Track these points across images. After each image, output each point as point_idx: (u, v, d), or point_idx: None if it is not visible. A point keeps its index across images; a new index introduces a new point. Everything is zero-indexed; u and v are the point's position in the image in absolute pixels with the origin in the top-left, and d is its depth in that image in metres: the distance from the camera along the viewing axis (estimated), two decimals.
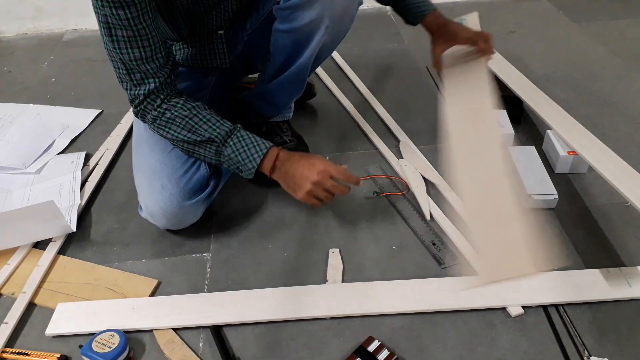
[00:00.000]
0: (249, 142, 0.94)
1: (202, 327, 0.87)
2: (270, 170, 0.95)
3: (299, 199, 0.95)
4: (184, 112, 0.93)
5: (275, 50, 1.03)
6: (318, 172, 0.92)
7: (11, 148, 1.30)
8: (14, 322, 0.88)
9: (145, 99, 0.93)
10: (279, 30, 1.00)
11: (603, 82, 1.49)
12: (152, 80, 0.91)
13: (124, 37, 0.86)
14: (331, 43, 1.04)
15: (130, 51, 0.87)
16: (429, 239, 1.01)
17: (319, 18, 0.96)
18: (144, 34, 0.86)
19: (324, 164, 0.93)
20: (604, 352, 0.81)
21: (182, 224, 1.02)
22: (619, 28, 1.79)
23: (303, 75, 1.08)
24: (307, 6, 0.94)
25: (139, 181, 1.02)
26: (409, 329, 0.85)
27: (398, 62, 1.62)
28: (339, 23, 1.00)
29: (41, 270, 0.97)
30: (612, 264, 0.94)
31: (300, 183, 0.93)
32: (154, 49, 0.89)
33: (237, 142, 0.93)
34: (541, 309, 0.87)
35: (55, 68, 1.73)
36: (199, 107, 0.95)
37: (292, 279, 0.95)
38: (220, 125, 0.94)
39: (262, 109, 1.17)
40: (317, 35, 0.98)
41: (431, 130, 1.32)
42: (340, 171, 0.95)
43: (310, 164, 0.93)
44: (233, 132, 0.94)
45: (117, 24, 0.84)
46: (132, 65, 0.89)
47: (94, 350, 0.79)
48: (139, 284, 0.95)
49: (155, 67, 0.90)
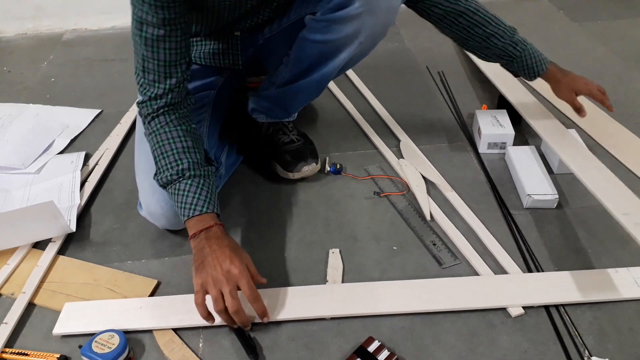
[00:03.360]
0: (179, 201, 0.88)
1: (202, 327, 0.87)
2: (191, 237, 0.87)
3: (194, 286, 0.82)
4: (156, 138, 0.91)
5: (298, 57, 1.02)
6: (228, 270, 0.80)
7: (11, 148, 1.30)
8: (14, 322, 0.88)
9: (149, 100, 0.92)
10: (310, 40, 0.98)
11: (604, 82, 1.47)
12: (162, 86, 0.90)
13: (154, 36, 0.85)
14: (359, 56, 1.03)
15: (156, 51, 0.87)
16: (429, 239, 1.01)
17: (356, 33, 0.95)
18: (174, 37, 0.86)
19: (241, 272, 0.80)
20: (605, 353, 0.80)
21: (181, 224, 1.01)
22: (619, 28, 1.79)
23: (324, 84, 1.08)
24: (346, 21, 0.93)
25: (140, 180, 1.02)
26: (409, 329, 0.85)
27: (398, 62, 1.62)
28: (372, 40, 0.99)
29: (41, 271, 0.96)
30: (614, 264, 0.94)
31: (205, 266, 0.81)
32: (179, 54, 0.89)
33: (173, 194, 0.89)
34: (542, 309, 0.87)
35: (55, 68, 1.73)
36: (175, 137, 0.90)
37: (292, 279, 0.95)
38: (171, 168, 0.89)
39: (273, 111, 1.16)
40: (348, 49, 0.98)
41: (431, 130, 1.32)
42: (250, 288, 0.80)
43: (229, 261, 0.81)
44: (171, 184, 0.89)
45: (152, 22, 0.84)
46: (151, 64, 0.88)
47: (93, 350, 0.78)
48: (139, 284, 0.95)
49: (174, 72, 0.89)
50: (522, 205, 1.08)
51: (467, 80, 1.53)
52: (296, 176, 1.15)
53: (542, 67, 1.11)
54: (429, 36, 1.72)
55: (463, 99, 1.44)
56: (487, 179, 1.16)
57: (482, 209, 1.07)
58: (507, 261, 0.95)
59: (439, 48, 1.69)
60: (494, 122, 1.24)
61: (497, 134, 1.21)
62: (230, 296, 0.79)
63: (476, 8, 1.06)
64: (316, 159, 1.17)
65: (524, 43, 1.09)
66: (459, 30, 1.08)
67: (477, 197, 1.11)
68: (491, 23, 1.07)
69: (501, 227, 1.03)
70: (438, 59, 1.64)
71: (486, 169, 1.19)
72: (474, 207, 1.07)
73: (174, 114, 0.93)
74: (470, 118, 1.36)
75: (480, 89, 1.48)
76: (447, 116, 1.38)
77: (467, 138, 1.29)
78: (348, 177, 1.18)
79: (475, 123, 1.28)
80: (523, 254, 0.98)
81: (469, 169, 1.20)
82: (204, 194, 0.88)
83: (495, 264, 0.96)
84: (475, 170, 1.19)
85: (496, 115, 1.27)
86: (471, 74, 1.55)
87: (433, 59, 1.63)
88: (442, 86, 1.50)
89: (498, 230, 1.02)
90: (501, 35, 1.07)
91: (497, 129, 1.22)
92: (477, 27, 1.06)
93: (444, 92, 1.48)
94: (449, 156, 1.23)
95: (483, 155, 1.23)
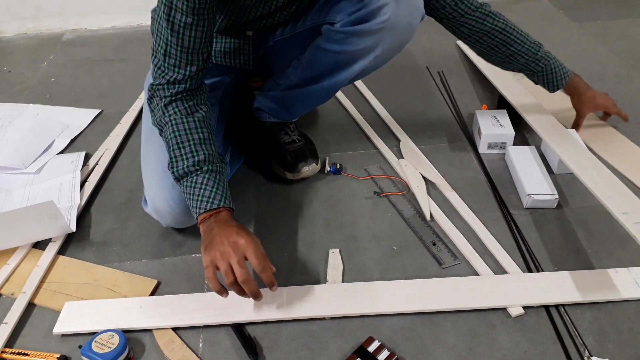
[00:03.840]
0: (194, 194, 0.87)
1: (201, 327, 0.87)
2: (200, 222, 0.87)
3: (203, 264, 0.82)
4: (171, 128, 0.90)
5: (312, 63, 1.02)
6: (235, 242, 0.80)
7: (11, 148, 1.30)
8: (14, 322, 0.88)
9: (167, 83, 0.91)
10: (324, 49, 0.99)
11: (604, 82, 1.49)
12: (182, 72, 0.90)
13: (181, 22, 0.85)
14: (372, 69, 1.03)
15: (181, 37, 0.87)
16: (429, 239, 1.01)
17: (373, 47, 0.95)
18: (200, 25, 0.86)
19: (248, 242, 0.80)
20: (604, 353, 0.80)
21: (187, 223, 1.02)
22: (619, 28, 1.79)
23: (333, 92, 1.08)
24: (365, 35, 0.94)
25: (148, 176, 1.01)
26: (409, 329, 0.85)
27: (398, 62, 1.62)
28: (388, 54, 1.00)
29: (41, 271, 0.96)
30: (614, 264, 0.94)
31: (213, 243, 0.82)
32: (203, 43, 0.89)
33: (186, 187, 0.89)
34: (541, 309, 0.87)
35: (55, 68, 1.73)
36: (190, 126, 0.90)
37: (292, 279, 0.95)
38: (187, 159, 0.88)
39: (277, 112, 1.16)
40: (363, 61, 0.98)
41: (431, 130, 1.32)
42: (258, 257, 0.80)
43: (236, 234, 0.81)
44: (187, 176, 0.89)
45: (181, 9, 0.84)
46: (174, 49, 0.88)
47: (93, 350, 0.79)
48: (139, 284, 0.95)
49: (195, 59, 0.90)
50: (522, 205, 1.08)
51: (467, 80, 1.53)
52: (296, 177, 1.15)
53: (562, 81, 1.15)
54: (429, 36, 1.72)
55: (463, 99, 1.44)
56: (487, 179, 1.16)
57: (482, 209, 1.07)
58: (507, 261, 0.95)
59: (439, 48, 1.69)
60: (494, 122, 1.24)
61: (497, 134, 1.21)
62: (238, 265, 0.79)
63: (502, 27, 1.07)
64: (316, 159, 1.17)
65: (547, 59, 1.12)
66: (482, 47, 1.11)
67: (477, 197, 1.11)
68: (516, 42, 1.08)
69: (501, 227, 1.03)
70: (438, 58, 1.64)
71: (486, 169, 1.19)
72: (474, 207, 1.07)
73: (192, 100, 0.93)
74: (470, 118, 1.36)
75: (481, 89, 1.48)
76: (447, 116, 1.38)
77: (467, 138, 1.29)
78: (348, 177, 1.18)
79: (475, 123, 1.28)
80: (523, 254, 0.98)
81: (469, 169, 1.20)
82: (221, 189, 0.88)
83: (495, 264, 0.96)
84: (475, 170, 1.19)
85: (496, 115, 1.27)
86: (471, 74, 1.55)
87: (433, 59, 1.63)
88: (442, 86, 1.50)
89: (498, 230, 1.02)
90: (525, 53, 1.10)
91: (497, 129, 1.22)
92: (501, 46, 1.09)
93: (444, 92, 1.48)
94: (449, 156, 1.23)
95: (483, 155, 1.23)
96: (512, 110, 1.28)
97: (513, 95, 1.30)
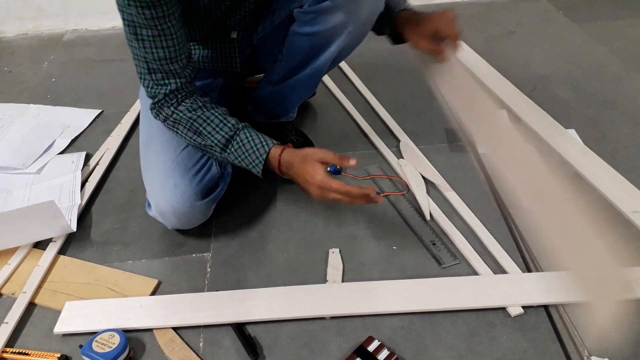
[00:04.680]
0: (249, 148, 0.93)
1: (202, 327, 0.87)
2: (279, 173, 0.94)
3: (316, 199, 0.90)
4: (189, 115, 0.93)
5: (291, 52, 1.03)
6: (317, 185, 0.87)
7: (11, 148, 1.30)
8: (15, 322, 0.88)
9: (164, 97, 0.92)
10: (299, 33, 0.99)
11: (603, 82, 1.49)
12: (173, 81, 0.91)
13: (149, 37, 0.85)
14: (350, 47, 1.03)
15: (155, 51, 0.87)
16: (429, 239, 1.01)
17: (344, 24, 0.95)
18: (168, 33, 0.86)
19: (320, 177, 0.86)
20: (604, 352, 0.80)
21: (191, 223, 1.02)
22: (619, 28, 1.79)
23: (317, 78, 1.08)
24: (333, 11, 0.93)
25: (149, 179, 1.02)
26: (409, 328, 0.85)
27: (398, 62, 1.62)
28: (361, 28, 0.99)
29: (41, 270, 0.97)
30: None
31: (307, 188, 0.89)
32: (178, 50, 0.89)
33: (237, 149, 0.93)
34: (541, 309, 0.87)
35: (56, 68, 1.73)
36: (206, 107, 0.94)
37: (292, 278, 0.95)
38: (222, 128, 0.93)
39: (271, 109, 1.16)
40: (338, 39, 0.98)
41: (431, 130, 1.32)
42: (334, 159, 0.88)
43: (310, 175, 0.87)
44: (233, 138, 0.93)
45: (143, 24, 0.84)
46: (155, 64, 0.89)
47: (94, 350, 0.79)
48: (140, 283, 0.95)
49: (179, 67, 0.90)
50: None
51: None
52: None
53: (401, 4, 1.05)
54: None
55: None
56: (486, 179, 1.16)
57: (482, 209, 1.07)
58: (506, 261, 0.95)
59: None
60: None
61: None
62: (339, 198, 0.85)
63: None
64: None
65: None
66: None
67: (476, 196, 1.11)
68: None
69: (501, 227, 1.04)
70: None
71: (486, 169, 1.19)
72: (474, 207, 1.07)
73: (194, 95, 0.95)
74: None
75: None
76: (447, 116, 1.38)
77: None
78: (348, 177, 1.18)
79: None
80: (522, 254, 0.98)
81: (469, 169, 1.20)
82: (253, 142, 0.92)
83: (494, 263, 0.96)
84: (474, 170, 1.19)
85: None
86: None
87: None
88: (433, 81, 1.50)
89: (497, 230, 1.03)
90: None
91: None
92: None
93: None
94: (448, 156, 1.24)
95: (483, 155, 1.23)
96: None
97: (507, 95, 1.31)
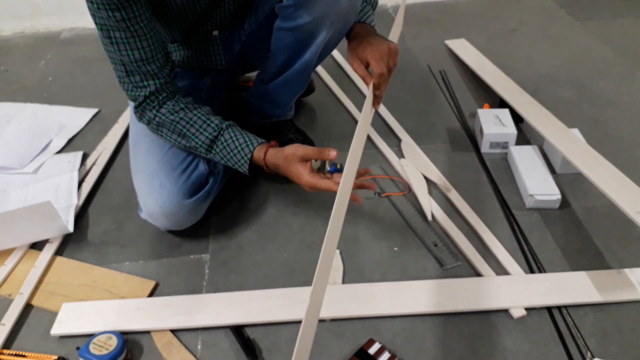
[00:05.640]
0: (233, 148, 0.94)
1: (200, 329, 0.86)
2: (267, 171, 0.95)
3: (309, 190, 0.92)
4: (171, 117, 0.94)
5: (277, 48, 1.02)
6: (305, 186, 0.90)
7: (8, 148, 1.29)
8: (11, 323, 0.87)
9: (145, 100, 0.92)
10: (282, 29, 0.98)
11: (606, 81, 1.48)
12: (152, 82, 0.91)
13: (123, 39, 0.85)
14: (336, 38, 1.02)
15: (130, 53, 0.86)
16: (431, 240, 1.00)
17: (325, 15, 0.94)
18: (142, 34, 0.86)
19: (306, 178, 0.89)
20: (607, 354, 0.80)
21: (182, 223, 1.01)
22: (622, 27, 1.78)
23: (307, 73, 1.07)
24: (312, 3, 0.92)
25: (137, 181, 1.01)
26: (410, 331, 0.84)
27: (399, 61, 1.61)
28: (344, 18, 0.98)
29: (38, 272, 0.96)
30: (617, 265, 0.93)
31: (293, 177, 0.91)
32: (153, 50, 0.88)
33: (222, 149, 0.94)
34: (544, 311, 0.86)
35: (53, 67, 1.72)
36: (188, 108, 0.95)
37: (292, 280, 0.94)
38: (205, 129, 0.94)
39: (265, 109, 1.15)
40: (322, 32, 0.97)
41: (433, 129, 1.32)
42: (314, 152, 0.89)
43: (296, 177, 0.90)
44: (217, 138, 0.94)
45: (115, 26, 0.83)
46: (132, 67, 0.89)
47: (91, 352, 0.78)
48: (137, 285, 0.94)
49: (156, 68, 0.90)
50: (525, 205, 1.07)
51: (468, 79, 1.52)
52: None
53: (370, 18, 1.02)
54: (430, 35, 1.71)
55: (465, 98, 1.43)
56: (489, 179, 1.15)
57: (484, 210, 1.06)
58: (509, 262, 0.94)
59: (440, 47, 1.67)
60: (496, 121, 1.23)
61: (499, 134, 1.20)
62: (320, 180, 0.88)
63: None
64: None
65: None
66: None
67: (479, 197, 1.10)
68: None
69: (503, 228, 1.03)
70: (439, 58, 1.63)
71: (488, 169, 1.18)
72: (476, 208, 1.06)
73: (177, 96, 0.95)
74: (472, 117, 1.35)
75: (482, 88, 1.47)
76: (449, 115, 1.37)
77: (469, 137, 1.28)
78: None
79: (477, 122, 1.28)
80: (525, 255, 0.97)
81: (471, 168, 1.19)
82: (237, 142, 0.93)
83: (497, 265, 0.95)
84: (477, 170, 1.18)
85: (498, 114, 1.26)
86: (473, 73, 1.54)
87: (434, 58, 1.62)
88: (443, 85, 1.49)
89: (500, 230, 1.02)
90: None
91: (499, 128, 1.21)
92: None
93: (446, 91, 1.47)
94: (450, 156, 1.22)
95: (485, 155, 1.22)
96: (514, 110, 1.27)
97: (511, 95, 1.29)
